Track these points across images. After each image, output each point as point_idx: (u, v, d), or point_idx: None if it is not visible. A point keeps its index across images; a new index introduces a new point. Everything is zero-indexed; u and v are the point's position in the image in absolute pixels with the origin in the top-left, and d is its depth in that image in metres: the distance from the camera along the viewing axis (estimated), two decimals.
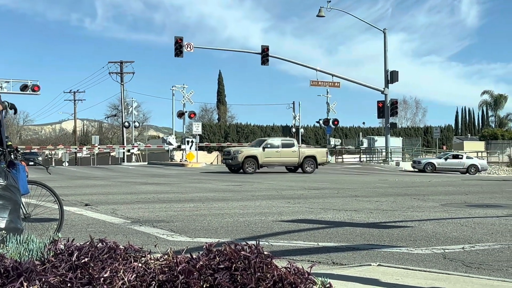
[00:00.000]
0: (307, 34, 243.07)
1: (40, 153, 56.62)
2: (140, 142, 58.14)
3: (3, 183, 5.30)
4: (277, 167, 31.60)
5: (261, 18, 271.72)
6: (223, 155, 31.72)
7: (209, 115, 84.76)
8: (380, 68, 47.13)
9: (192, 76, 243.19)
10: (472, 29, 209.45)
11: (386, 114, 45.25)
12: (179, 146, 47.98)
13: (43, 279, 2.71)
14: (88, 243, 3.12)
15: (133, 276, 2.79)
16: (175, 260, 2.94)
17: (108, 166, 45.22)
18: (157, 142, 59.61)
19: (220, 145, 56.51)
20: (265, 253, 2.95)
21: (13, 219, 5.21)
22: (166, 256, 3.03)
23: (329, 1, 43.76)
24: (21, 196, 5.67)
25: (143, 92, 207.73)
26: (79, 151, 61.05)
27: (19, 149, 6.33)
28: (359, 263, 5.47)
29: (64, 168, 40.51)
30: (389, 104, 44.84)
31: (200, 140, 49.10)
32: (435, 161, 39.10)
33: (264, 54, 40.44)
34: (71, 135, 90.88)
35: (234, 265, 2.84)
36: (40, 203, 6.46)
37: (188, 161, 43.01)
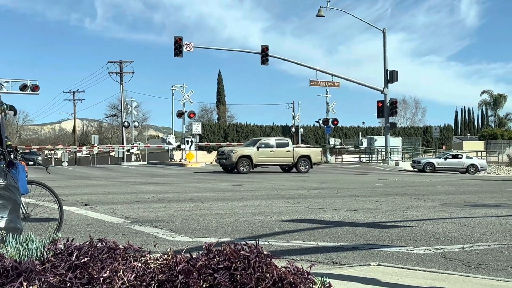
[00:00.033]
0: (307, 34, 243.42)
1: (40, 153, 56.59)
2: (140, 142, 58.10)
3: (3, 183, 5.30)
4: (271, 167, 31.29)
5: (261, 18, 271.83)
6: (217, 155, 31.32)
7: (209, 115, 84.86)
8: (380, 68, 47.08)
9: (192, 76, 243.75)
10: (472, 29, 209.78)
11: (386, 114, 45.26)
12: (179, 146, 47.96)
13: (43, 279, 2.71)
14: (88, 243, 3.12)
15: (133, 276, 2.79)
16: (175, 260, 2.94)
17: (108, 166, 45.21)
18: (157, 142, 59.60)
19: (220, 145, 56.36)
20: (265, 253, 2.95)
21: (13, 219, 5.21)
22: (166, 256, 3.03)
23: (329, 1, 43.80)
24: (21, 196, 5.68)
25: (143, 92, 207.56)
26: (79, 151, 60.99)
27: (19, 149, 6.35)
28: (359, 263, 5.47)
29: (64, 168, 40.50)
30: (389, 104, 44.85)
31: (200, 140, 49.11)
32: (435, 161, 39.10)
33: (264, 54, 40.45)
34: (71, 135, 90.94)
35: (234, 265, 2.84)
36: (40, 203, 6.46)
37: (188, 161, 43.00)
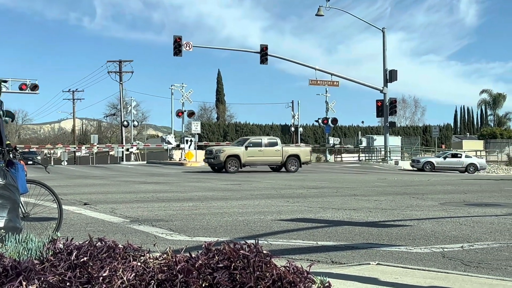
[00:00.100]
0: (306, 33, 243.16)
1: (39, 152, 56.62)
2: (139, 141, 58.11)
3: (2, 182, 5.30)
4: (260, 166, 30.85)
5: (260, 17, 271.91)
6: (205, 154, 30.67)
7: (208, 114, 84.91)
8: (379, 67, 47.03)
9: (191, 75, 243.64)
10: (471, 28, 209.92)
11: (385, 113, 45.27)
12: (178, 145, 47.96)
13: (42, 278, 2.70)
14: (87, 242, 3.12)
15: (132, 275, 2.79)
16: (174, 259, 2.94)
17: (107, 165, 45.20)
18: (156, 141, 59.60)
19: (219, 144, 56.52)
20: (264, 252, 2.95)
21: (12, 218, 5.21)
22: (165, 255, 3.03)
23: (328, 0, 43.82)
24: (20, 195, 5.68)
25: (142, 91, 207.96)
26: (78, 150, 61.05)
27: (18, 148, 6.35)
28: (358, 262, 5.47)
29: (63, 167, 40.49)
30: (388, 103, 44.86)
31: (199, 139, 49.16)
32: (434, 160, 39.10)
33: (263, 53, 40.47)
34: (70, 134, 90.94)
35: (233, 264, 2.84)
36: (39, 202, 6.46)
37: (187, 160, 43.00)
